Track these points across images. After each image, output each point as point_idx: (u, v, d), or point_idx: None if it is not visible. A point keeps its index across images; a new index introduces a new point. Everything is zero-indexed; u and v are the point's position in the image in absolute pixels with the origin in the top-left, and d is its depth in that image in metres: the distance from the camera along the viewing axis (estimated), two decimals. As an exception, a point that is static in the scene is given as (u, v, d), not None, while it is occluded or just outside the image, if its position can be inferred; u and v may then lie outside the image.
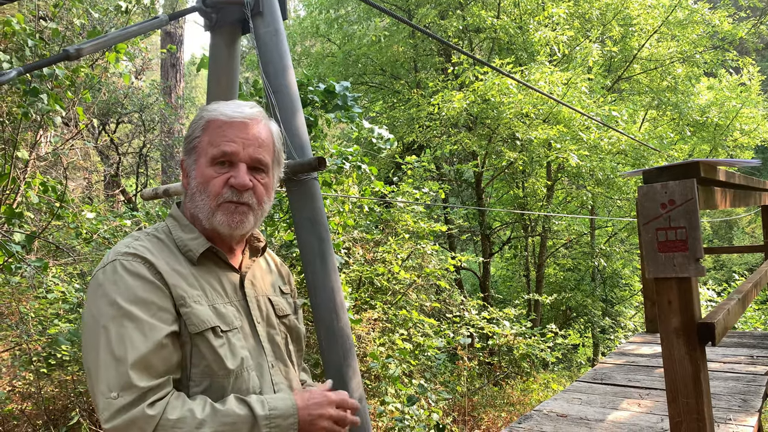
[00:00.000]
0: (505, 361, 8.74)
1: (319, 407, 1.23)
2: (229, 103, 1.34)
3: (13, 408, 4.40)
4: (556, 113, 9.31)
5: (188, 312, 1.19)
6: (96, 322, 1.13)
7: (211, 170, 1.27)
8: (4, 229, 4.25)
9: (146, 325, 1.12)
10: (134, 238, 1.26)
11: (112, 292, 1.14)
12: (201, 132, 1.30)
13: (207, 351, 1.19)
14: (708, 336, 1.68)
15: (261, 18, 2.54)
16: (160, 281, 1.18)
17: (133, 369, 1.08)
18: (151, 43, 17.84)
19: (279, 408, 1.18)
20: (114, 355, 1.09)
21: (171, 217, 1.34)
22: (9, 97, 4.52)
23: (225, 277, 1.31)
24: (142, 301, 1.14)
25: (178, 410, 1.09)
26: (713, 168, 1.88)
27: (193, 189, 1.29)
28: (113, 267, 1.18)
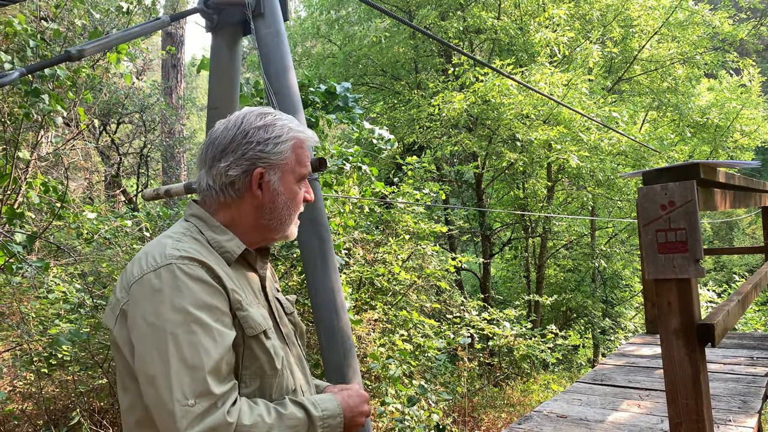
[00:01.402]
0: (506, 362, 8.74)
1: (359, 405, 1.32)
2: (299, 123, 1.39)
3: (14, 408, 4.41)
4: (556, 114, 9.32)
5: (245, 315, 1.22)
6: (160, 329, 1.11)
7: (296, 187, 1.36)
8: (5, 229, 4.25)
9: (215, 331, 1.13)
10: (175, 239, 1.25)
11: (176, 298, 1.12)
12: (291, 151, 1.33)
13: (260, 352, 1.23)
14: (708, 337, 1.68)
15: (262, 19, 2.54)
16: (220, 285, 1.19)
17: (210, 376, 1.09)
18: (152, 44, 17.86)
19: (329, 409, 1.25)
20: (187, 362, 1.08)
21: (196, 218, 1.33)
22: (10, 97, 4.53)
23: (251, 280, 1.35)
24: (208, 307, 1.14)
25: (251, 416, 1.12)
26: (713, 169, 1.88)
27: (279, 204, 1.33)
28: (171, 271, 1.15)
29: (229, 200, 1.31)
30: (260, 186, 1.31)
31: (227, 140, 1.30)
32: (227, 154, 1.29)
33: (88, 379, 4.52)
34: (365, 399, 1.35)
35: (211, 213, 1.33)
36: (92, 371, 4.52)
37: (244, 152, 1.29)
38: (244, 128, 1.31)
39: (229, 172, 1.29)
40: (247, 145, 1.29)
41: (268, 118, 1.34)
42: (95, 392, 4.53)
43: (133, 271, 1.19)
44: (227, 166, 1.29)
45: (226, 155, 1.29)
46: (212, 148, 1.32)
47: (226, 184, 1.30)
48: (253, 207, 1.32)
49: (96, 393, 4.53)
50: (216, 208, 1.33)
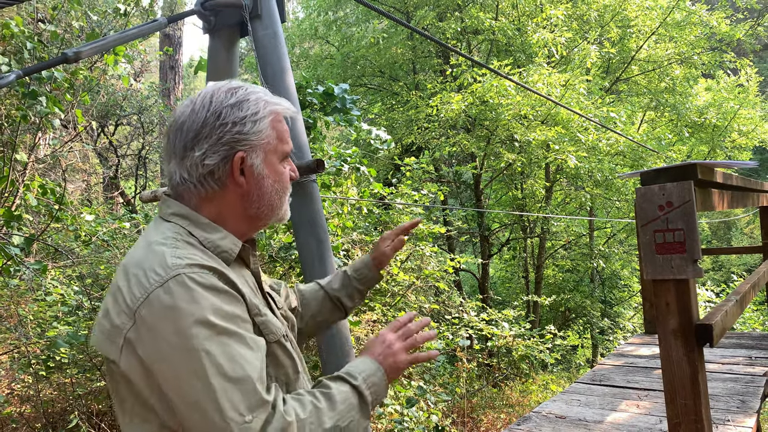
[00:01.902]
0: (504, 363, 8.74)
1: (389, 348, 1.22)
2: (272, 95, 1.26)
3: (12, 411, 4.40)
4: (554, 115, 9.33)
5: (264, 321, 1.14)
6: (189, 349, 0.98)
7: (282, 167, 1.23)
8: (3, 231, 4.25)
9: (247, 338, 1.04)
10: (171, 246, 1.09)
11: (196, 311, 0.99)
12: (270, 127, 1.19)
13: (285, 357, 1.17)
14: (706, 337, 1.68)
15: (259, 21, 2.54)
16: (236, 291, 1.08)
17: (260, 385, 1.01)
18: (150, 45, 17.86)
19: (367, 369, 1.17)
20: (231, 377, 0.98)
21: (181, 217, 1.16)
22: (8, 99, 4.53)
23: (249, 279, 1.22)
24: (231, 316, 1.04)
25: (304, 408, 1.06)
26: (710, 170, 1.89)
27: (267, 188, 1.19)
28: (181, 283, 1.01)
29: (211, 193, 1.16)
30: (243, 172, 1.16)
31: (198, 124, 1.14)
32: (200, 140, 1.13)
33: (86, 382, 4.51)
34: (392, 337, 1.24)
35: (194, 208, 1.17)
36: (90, 374, 4.51)
37: (219, 136, 1.13)
38: (215, 108, 1.14)
39: (206, 161, 1.13)
40: (222, 128, 1.13)
41: (240, 93, 1.18)
42: (93, 395, 4.52)
43: (133, 291, 1.03)
44: (203, 155, 1.13)
45: (199, 142, 1.13)
46: (181, 135, 1.15)
47: (204, 175, 1.14)
48: (238, 197, 1.18)
49: (94, 396, 4.52)
50: (197, 204, 1.17)
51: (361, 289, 1.64)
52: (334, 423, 1.07)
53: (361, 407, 1.13)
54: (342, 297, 1.63)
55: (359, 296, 1.65)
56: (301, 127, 2.53)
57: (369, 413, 1.15)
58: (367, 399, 1.14)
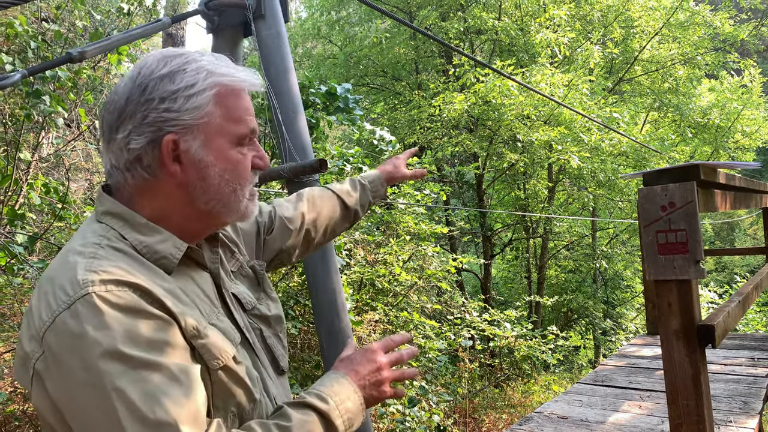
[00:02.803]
0: (506, 363, 8.74)
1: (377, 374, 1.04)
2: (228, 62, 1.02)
3: (15, 409, 4.41)
4: (557, 115, 9.33)
5: (204, 344, 0.90)
6: (96, 387, 0.78)
7: (236, 153, 0.99)
8: (6, 230, 4.26)
9: (174, 370, 0.82)
10: (89, 255, 0.88)
11: (106, 340, 0.79)
12: (212, 104, 0.96)
13: (235, 385, 0.94)
14: (708, 338, 1.68)
15: (263, 21, 2.55)
16: (163, 310, 0.87)
17: (185, 427, 0.80)
18: (153, 45, 17.88)
19: (341, 393, 0.99)
20: (149, 421, 0.78)
21: (113, 217, 0.96)
22: (11, 98, 4.54)
23: (201, 280, 1.02)
24: (152, 343, 0.82)
25: None
26: (713, 171, 1.88)
27: (213, 177, 0.97)
28: (90, 304, 0.81)
29: (143, 183, 0.96)
30: (178, 158, 0.95)
31: (122, 101, 0.94)
32: (124, 120, 0.93)
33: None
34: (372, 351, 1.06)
35: (132, 206, 0.97)
36: (93, 372, 4.52)
37: (144, 115, 0.93)
38: (141, 81, 0.94)
39: (130, 144, 0.93)
40: (147, 104, 0.93)
41: (176, 61, 0.95)
42: (96, 393, 4.53)
43: (41, 312, 0.84)
44: (126, 137, 0.93)
45: (123, 122, 0.93)
46: (108, 114, 0.96)
47: (131, 161, 0.94)
48: (175, 188, 0.96)
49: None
50: (132, 197, 0.97)
51: (372, 201, 1.64)
52: None
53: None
54: (355, 206, 1.58)
55: (369, 206, 1.66)
56: (304, 127, 2.54)
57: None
58: (337, 428, 0.96)
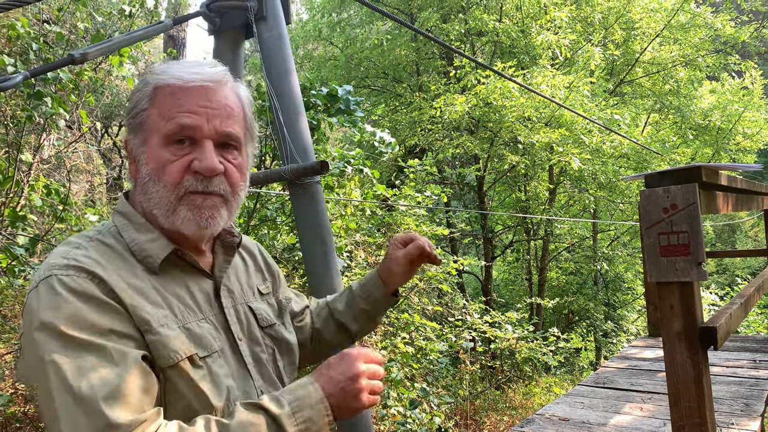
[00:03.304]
0: (507, 365, 8.73)
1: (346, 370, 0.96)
2: (183, 63, 1.04)
3: (16, 410, 4.40)
4: (558, 117, 9.32)
5: (156, 340, 0.92)
6: (39, 360, 0.84)
7: (165, 152, 0.98)
8: (8, 231, 4.26)
9: (111, 350, 0.86)
10: (73, 245, 0.96)
11: (51, 319, 0.85)
12: (148, 103, 1.00)
13: (185, 387, 0.93)
14: (710, 340, 1.68)
15: (264, 22, 2.55)
16: (115, 300, 0.91)
17: (107, 405, 0.81)
18: (154, 46, 17.90)
19: (302, 397, 0.93)
20: (76, 394, 0.81)
21: (119, 215, 1.04)
22: (13, 100, 4.55)
23: (196, 286, 1.05)
24: (96, 328, 0.87)
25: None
26: (715, 172, 1.88)
27: (145, 178, 0.99)
28: (48, 285, 0.89)
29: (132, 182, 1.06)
30: (134, 160, 1.02)
31: None
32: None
33: (89, 382, 4.52)
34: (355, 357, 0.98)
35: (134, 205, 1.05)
36: (94, 374, 4.52)
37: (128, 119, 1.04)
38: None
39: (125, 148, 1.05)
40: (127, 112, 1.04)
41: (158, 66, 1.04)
42: (97, 395, 4.53)
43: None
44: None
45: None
46: None
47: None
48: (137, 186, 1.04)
49: (98, 395, 4.53)
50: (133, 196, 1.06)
51: (367, 309, 1.37)
52: None
53: None
54: (346, 321, 1.39)
55: (365, 318, 1.39)
56: (305, 128, 2.54)
57: None
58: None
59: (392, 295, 1.39)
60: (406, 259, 1.34)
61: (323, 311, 1.42)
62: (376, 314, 1.40)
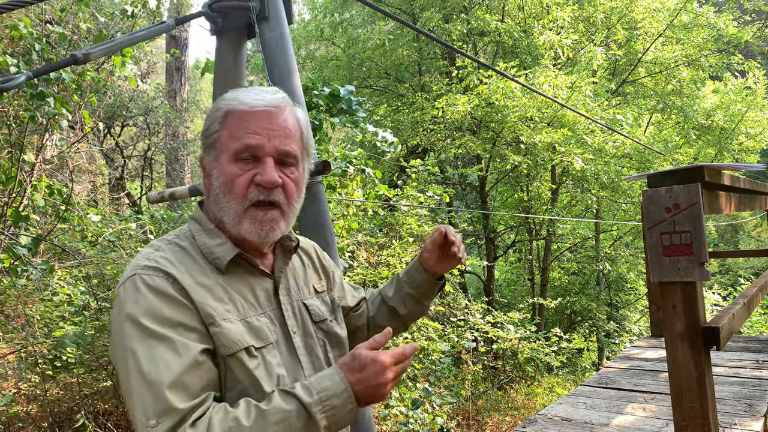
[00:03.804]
0: (510, 365, 8.72)
1: (377, 376, 1.05)
2: (249, 90, 1.20)
3: (18, 410, 4.42)
4: (560, 117, 9.31)
5: (218, 332, 1.08)
6: (122, 345, 1.03)
7: (234, 167, 1.15)
8: (10, 231, 4.27)
9: (178, 344, 1.02)
10: (155, 248, 1.15)
11: (133, 311, 1.03)
12: (219, 125, 1.17)
13: (242, 374, 1.08)
14: (713, 340, 1.67)
15: (266, 23, 2.55)
16: (185, 297, 1.07)
17: (170, 391, 0.97)
18: (156, 47, 17.93)
19: (329, 388, 1.04)
20: (146, 378, 0.98)
21: (194, 221, 1.22)
22: (15, 100, 4.55)
23: (258, 285, 1.20)
24: (168, 321, 1.04)
25: (223, 423, 0.99)
26: (718, 172, 1.88)
27: (216, 190, 1.17)
28: (133, 282, 1.07)
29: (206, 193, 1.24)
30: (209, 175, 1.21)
31: None
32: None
33: (92, 382, 4.52)
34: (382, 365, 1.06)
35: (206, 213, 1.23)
36: (97, 373, 4.52)
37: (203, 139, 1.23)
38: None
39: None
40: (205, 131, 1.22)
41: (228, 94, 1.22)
42: (100, 394, 4.54)
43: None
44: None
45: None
46: None
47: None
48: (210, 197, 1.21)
49: (101, 395, 4.54)
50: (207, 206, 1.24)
51: (412, 293, 1.52)
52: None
53: (305, 430, 1.01)
54: (396, 304, 1.54)
55: (413, 302, 1.53)
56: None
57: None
58: (317, 422, 1.02)
59: (437, 280, 1.55)
60: (432, 244, 1.51)
61: (377, 299, 1.58)
62: (423, 298, 1.54)
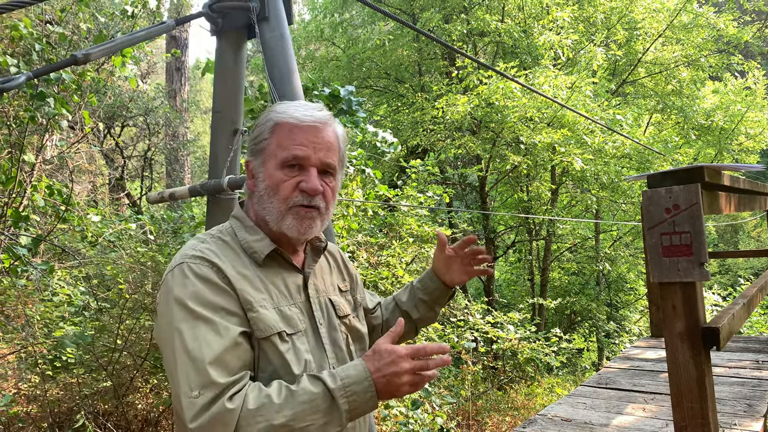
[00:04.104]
0: (510, 366, 8.72)
1: (392, 365, 1.15)
2: (298, 106, 1.33)
3: (18, 410, 4.41)
4: (560, 117, 9.31)
5: (255, 317, 1.20)
6: (169, 325, 1.15)
7: (280, 173, 1.28)
8: (10, 232, 4.27)
9: (219, 326, 1.15)
10: (200, 240, 1.29)
11: (181, 295, 1.16)
12: (269, 134, 1.31)
13: (274, 356, 1.21)
14: (713, 340, 1.67)
15: (266, 23, 2.55)
16: (228, 285, 1.20)
17: (211, 367, 1.09)
18: (157, 47, 17.92)
19: (351, 376, 1.15)
20: (190, 355, 1.10)
21: (235, 218, 1.36)
22: (16, 101, 4.55)
23: (290, 278, 1.33)
24: (211, 305, 1.16)
25: (257, 399, 1.10)
26: (718, 173, 1.88)
27: (261, 191, 1.31)
28: (181, 270, 1.20)
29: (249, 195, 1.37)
30: (253, 176, 1.34)
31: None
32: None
33: (92, 382, 4.52)
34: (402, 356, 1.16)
35: (247, 211, 1.37)
36: (97, 374, 4.52)
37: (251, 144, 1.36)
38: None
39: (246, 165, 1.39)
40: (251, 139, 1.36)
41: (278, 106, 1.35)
42: (100, 395, 4.53)
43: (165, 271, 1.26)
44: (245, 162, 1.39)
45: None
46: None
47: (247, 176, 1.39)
48: (253, 196, 1.34)
49: (101, 395, 4.53)
50: (249, 205, 1.38)
51: (425, 299, 1.66)
52: (285, 421, 1.09)
53: (329, 412, 1.12)
54: (409, 309, 1.68)
55: (426, 308, 1.67)
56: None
57: (341, 421, 1.13)
58: (339, 406, 1.12)
59: (448, 287, 1.68)
60: (439, 251, 1.66)
61: (391, 304, 1.72)
62: (435, 304, 1.69)
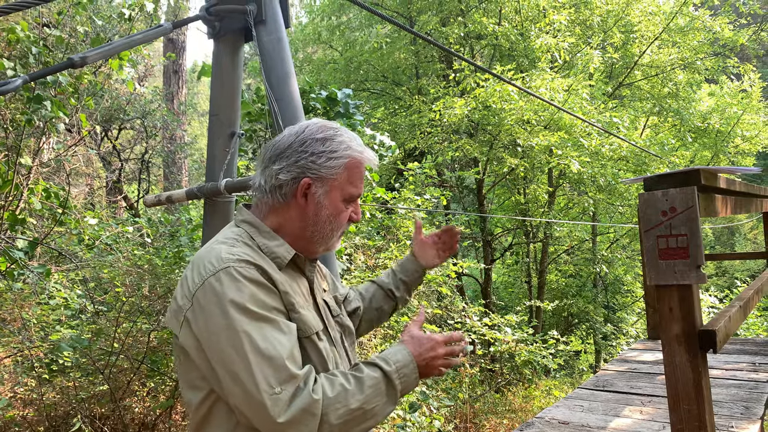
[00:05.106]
0: (507, 368, 8.72)
1: (430, 350, 1.34)
2: (360, 143, 1.43)
3: (15, 414, 4.40)
4: (557, 120, 9.33)
5: (298, 317, 1.28)
6: (231, 329, 1.16)
7: (343, 205, 1.39)
8: (7, 235, 4.26)
9: (282, 324, 1.21)
10: (230, 245, 1.30)
11: (239, 299, 1.18)
12: (343, 168, 1.37)
13: (313, 353, 1.29)
14: (709, 343, 1.68)
15: (264, 26, 2.55)
16: (274, 287, 1.25)
17: (288, 362, 1.15)
18: (154, 50, 17.92)
19: (401, 360, 1.29)
20: (265, 354, 1.14)
21: (248, 224, 1.38)
22: (13, 103, 4.55)
23: (302, 283, 1.40)
24: (268, 306, 1.21)
25: (333, 388, 1.19)
26: (714, 175, 1.89)
27: (322, 217, 1.37)
28: (229, 274, 1.21)
29: (277, 204, 1.37)
30: (306, 196, 1.36)
31: (285, 145, 1.36)
32: (282, 158, 1.35)
33: (89, 386, 4.51)
34: (439, 342, 1.36)
35: (261, 218, 1.39)
36: (93, 377, 4.51)
37: (297, 160, 1.34)
38: (303, 137, 1.36)
39: (280, 175, 1.34)
40: (301, 154, 1.34)
41: (329, 132, 1.38)
42: (96, 398, 4.52)
43: (194, 278, 1.24)
44: (279, 170, 1.35)
45: (280, 159, 1.35)
46: (271, 149, 1.38)
47: (275, 187, 1.35)
48: (297, 214, 1.37)
49: (97, 399, 4.52)
50: (266, 213, 1.39)
51: (405, 280, 1.86)
52: (359, 404, 1.20)
53: (388, 393, 1.25)
54: (393, 288, 1.85)
55: (404, 288, 1.87)
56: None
57: (396, 400, 1.27)
58: (396, 387, 1.26)
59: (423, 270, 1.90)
60: (416, 235, 1.91)
61: (371, 287, 1.87)
62: (412, 284, 1.89)
